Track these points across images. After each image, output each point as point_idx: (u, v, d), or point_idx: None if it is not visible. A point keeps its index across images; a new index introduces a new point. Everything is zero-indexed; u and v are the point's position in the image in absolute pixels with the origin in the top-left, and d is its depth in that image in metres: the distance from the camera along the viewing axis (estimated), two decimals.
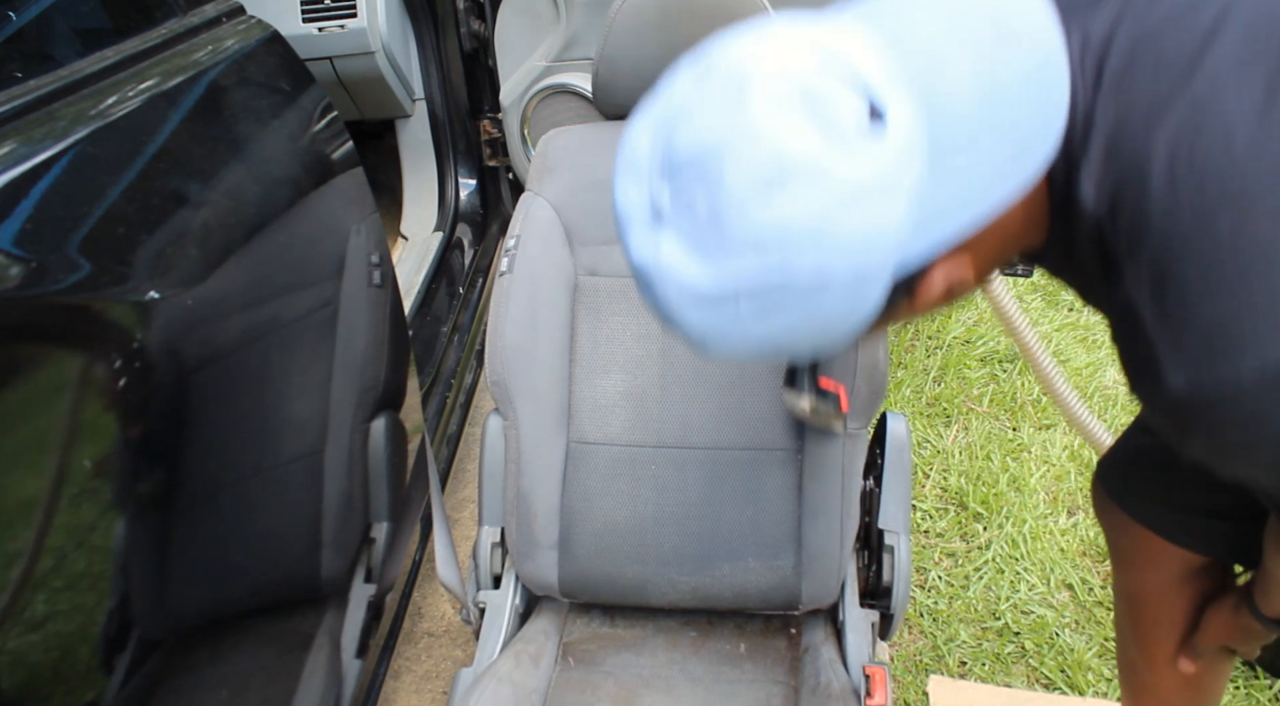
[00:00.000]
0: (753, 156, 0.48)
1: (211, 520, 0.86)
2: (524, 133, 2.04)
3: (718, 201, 0.49)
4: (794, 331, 0.53)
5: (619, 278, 1.27)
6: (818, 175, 0.48)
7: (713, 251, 0.50)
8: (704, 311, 0.52)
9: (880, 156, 0.48)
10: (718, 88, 0.50)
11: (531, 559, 1.22)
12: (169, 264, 0.82)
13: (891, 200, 0.49)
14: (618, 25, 1.21)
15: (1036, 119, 0.52)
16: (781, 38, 0.51)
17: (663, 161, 0.52)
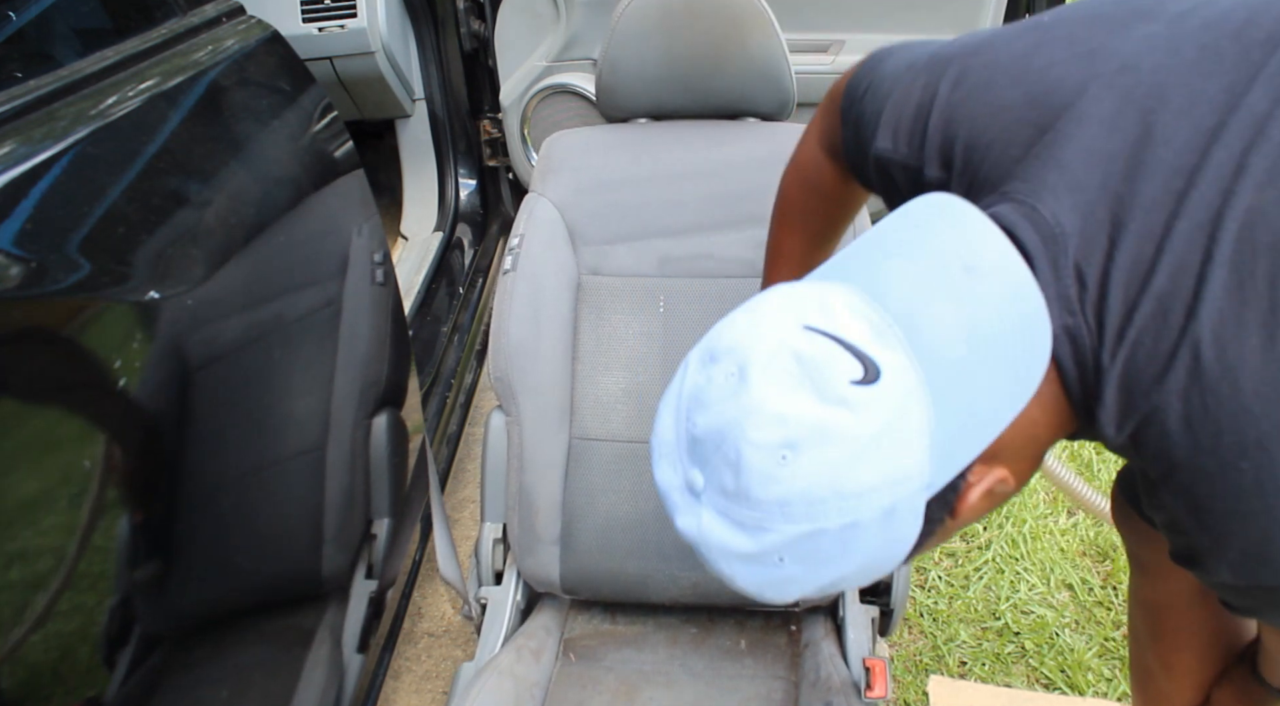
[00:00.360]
0: (761, 431, 0.51)
1: (213, 517, 0.86)
2: (524, 133, 2.04)
3: (742, 479, 0.52)
4: (841, 571, 0.55)
5: (621, 277, 1.27)
6: (824, 437, 0.50)
7: (747, 521, 0.53)
8: (751, 569, 0.55)
9: (880, 408, 0.50)
10: (721, 371, 0.54)
11: (533, 554, 1.22)
12: (169, 264, 0.82)
13: (901, 444, 0.51)
14: (621, 28, 1.22)
15: (1023, 339, 0.55)
16: (770, 314, 0.54)
17: (687, 445, 0.55)
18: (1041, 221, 0.57)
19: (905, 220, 0.58)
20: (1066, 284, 0.56)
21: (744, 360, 0.53)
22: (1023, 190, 0.59)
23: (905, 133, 0.72)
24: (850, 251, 0.59)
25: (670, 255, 1.27)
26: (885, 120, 0.74)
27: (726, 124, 1.32)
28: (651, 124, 1.34)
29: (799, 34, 1.77)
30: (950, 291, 0.54)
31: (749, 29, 1.19)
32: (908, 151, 0.73)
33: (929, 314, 0.53)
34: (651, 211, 1.28)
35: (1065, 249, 0.56)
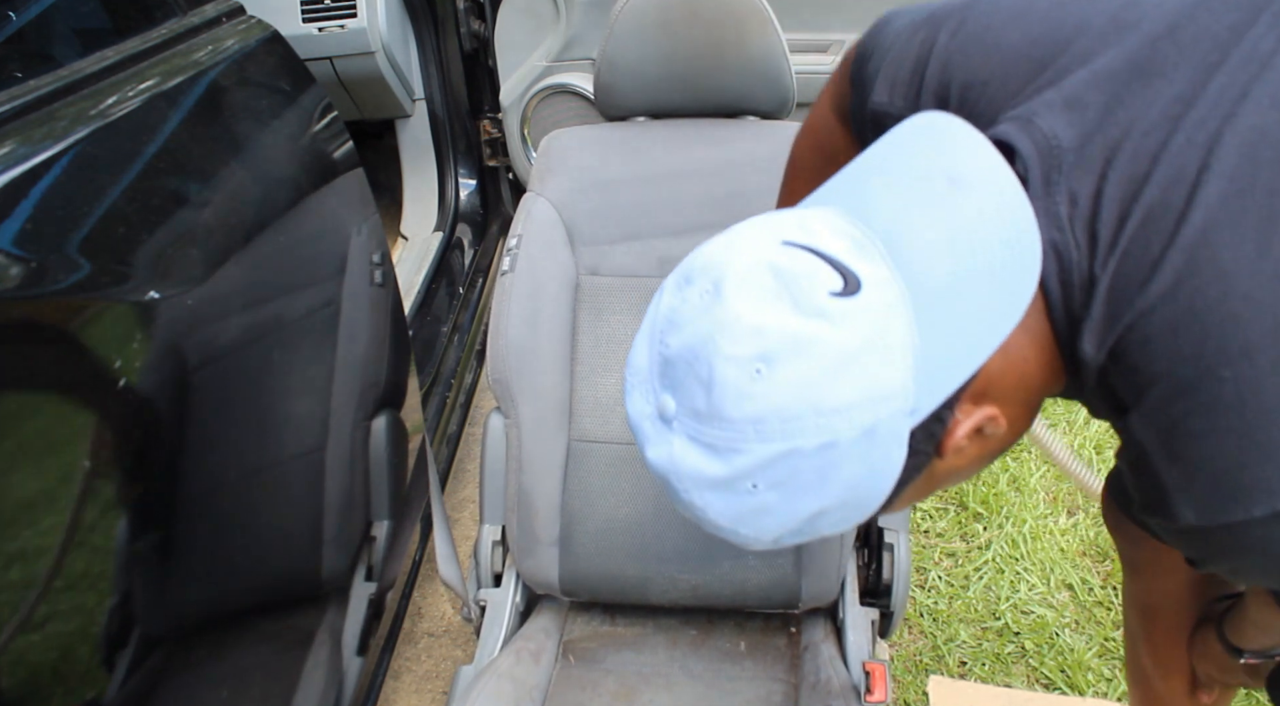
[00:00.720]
0: (736, 346, 0.49)
1: (212, 518, 0.86)
2: (524, 133, 2.04)
3: (714, 396, 0.50)
4: (820, 502, 0.53)
5: (620, 277, 1.27)
6: (801, 349, 0.48)
7: (719, 443, 0.51)
8: (723, 498, 0.53)
9: (861, 320, 0.49)
10: (696, 290, 0.52)
11: (532, 556, 1.22)
12: (169, 264, 0.82)
13: (881, 359, 0.49)
14: (619, 27, 1.21)
15: (1013, 256, 0.53)
16: (748, 233, 0.53)
17: (660, 369, 0.54)
18: (1038, 133, 0.56)
19: (891, 139, 0.57)
20: (1057, 200, 0.55)
21: (719, 276, 0.51)
22: (1021, 111, 0.58)
23: (902, 85, 0.71)
24: (835, 179, 0.58)
25: (670, 255, 1.27)
26: (883, 75, 0.74)
27: (726, 123, 1.32)
28: (650, 123, 1.34)
29: (799, 34, 1.76)
30: (934, 205, 0.52)
31: (748, 27, 1.19)
32: (903, 103, 0.72)
33: (911, 228, 0.52)
34: (650, 211, 1.27)
35: (1059, 164, 0.55)
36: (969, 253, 0.51)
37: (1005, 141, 0.57)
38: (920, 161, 0.54)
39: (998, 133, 0.58)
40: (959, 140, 0.55)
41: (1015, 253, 0.53)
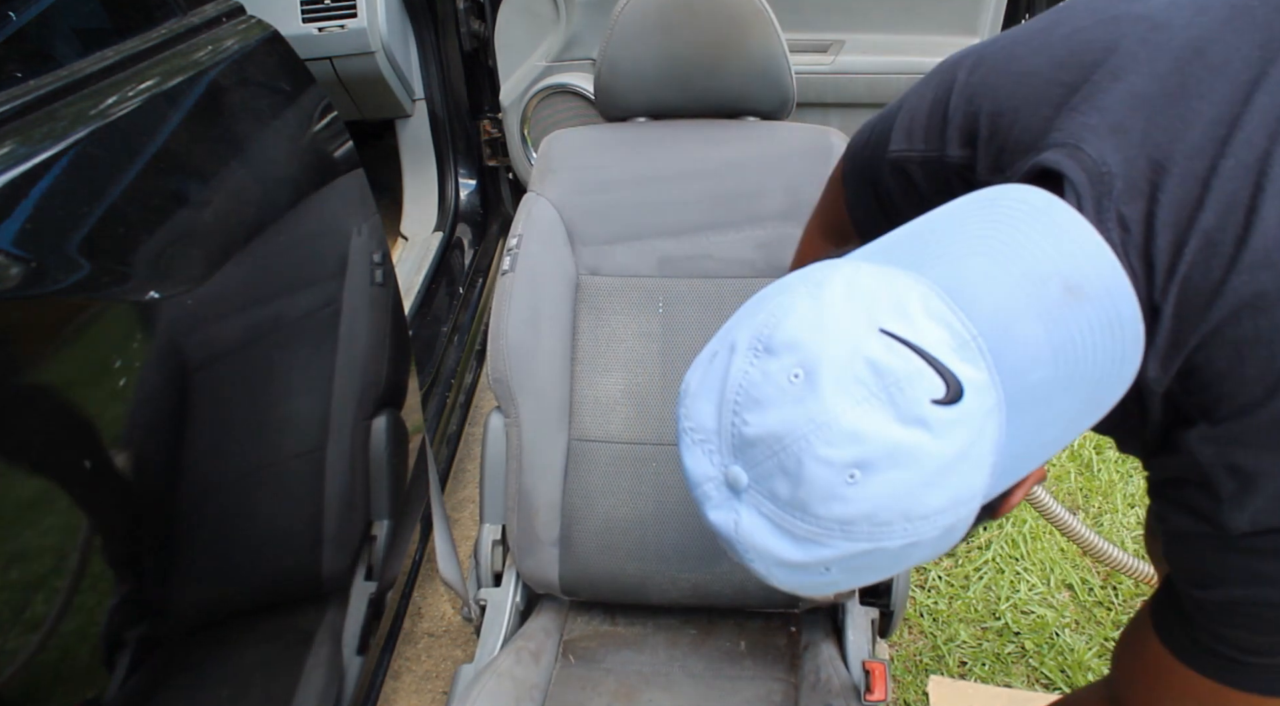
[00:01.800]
0: (831, 447, 0.47)
1: (213, 518, 0.86)
2: (524, 133, 2.04)
3: (800, 491, 0.48)
4: (882, 574, 0.53)
5: (620, 277, 1.27)
6: (899, 460, 0.47)
7: (800, 533, 0.50)
8: (792, 574, 0.52)
9: (960, 431, 0.47)
10: (781, 369, 0.49)
11: (532, 556, 1.22)
12: (169, 264, 0.82)
13: (974, 468, 0.48)
14: (620, 27, 1.21)
15: (1113, 369, 0.51)
16: (839, 309, 0.49)
17: (734, 442, 0.51)
18: (1087, 160, 0.55)
19: (992, 214, 0.53)
20: (1109, 227, 0.54)
21: (811, 362, 0.48)
22: (1064, 136, 0.56)
23: (921, 127, 0.70)
24: (920, 231, 0.55)
25: (670, 255, 1.27)
26: (898, 126, 0.72)
27: (726, 123, 1.32)
28: (650, 123, 1.34)
29: (799, 34, 1.76)
30: (1045, 310, 0.49)
31: (748, 27, 1.19)
32: (925, 145, 0.70)
33: (1018, 331, 0.49)
34: (651, 211, 1.27)
35: (1109, 190, 0.54)
36: (1071, 363, 0.50)
37: (1055, 169, 0.56)
38: (1033, 256, 0.50)
39: (1046, 160, 0.57)
40: (1079, 240, 0.51)
41: (1119, 368, 0.51)
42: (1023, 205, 0.53)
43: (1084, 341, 0.49)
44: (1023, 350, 0.49)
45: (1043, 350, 0.49)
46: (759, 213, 1.26)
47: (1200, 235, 0.52)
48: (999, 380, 0.48)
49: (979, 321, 0.48)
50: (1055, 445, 0.53)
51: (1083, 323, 0.49)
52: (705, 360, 0.55)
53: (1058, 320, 0.49)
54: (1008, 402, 0.48)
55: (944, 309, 0.49)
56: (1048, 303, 0.49)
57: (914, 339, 0.48)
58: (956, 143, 0.67)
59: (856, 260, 0.54)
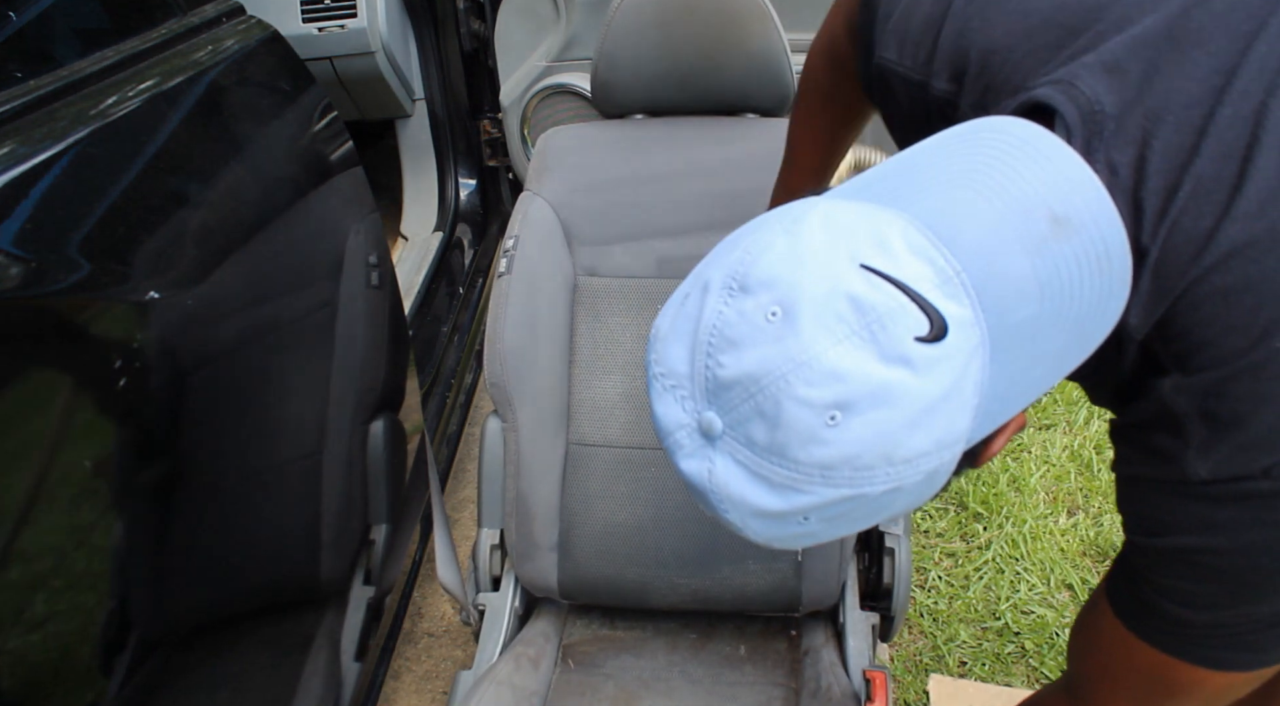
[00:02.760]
0: (811, 387, 0.45)
1: (211, 521, 0.86)
2: (524, 133, 2.04)
3: (779, 435, 0.46)
4: (862, 524, 0.52)
5: (618, 278, 1.26)
6: (882, 399, 0.45)
7: (777, 480, 0.48)
8: (769, 525, 0.51)
9: (944, 369, 0.46)
10: (757, 307, 0.47)
11: (531, 561, 1.22)
12: (169, 264, 0.81)
13: (958, 408, 0.47)
14: (616, 24, 1.21)
15: (1099, 304, 0.50)
16: (817, 244, 0.47)
17: (707, 386, 0.49)
18: (1081, 97, 0.54)
19: (975, 146, 0.51)
20: (1098, 169, 0.52)
21: (789, 299, 0.46)
22: (1058, 74, 0.55)
23: (912, 44, 0.68)
24: (899, 168, 0.53)
25: (668, 256, 1.26)
26: (893, 27, 0.70)
27: (725, 120, 1.31)
28: (648, 120, 1.33)
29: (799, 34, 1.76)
30: (1031, 243, 0.47)
31: (747, 22, 1.19)
32: (912, 64, 0.68)
33: (1003, 266, 0.47)
34: (649, 211, 1.27)
35: (1100, 131, 0.53)
36: (1058, 299, 0.48)
37: (1047, 104, 0.55)
38: (1020, 187, 0.49)
39: (1038, 95, 0.55)
40: (1065, 171, 0.50)
41: (1105, 304, 0.50)
42: (1007, 136, 0.51)
43: (1071, 276, 0.48)
44: (1008, 285, 0.47)
45: (1029, 285, 0.47)
46: (759, 212, 1.25)
47: (1194, 181, 0.51)
48: (983, 317, 0.47)
49: (962, 256, 0.47)
50: (1040, 386, 0.52)
51: (1070, 256, 0.48)
52: (677, 302, 0.52)
53: (1044, 254, 0.48)
54: (992, 341, 0.47)
55: (926, 244, 0.47)
56: (1034, 236, 0.48)
57: (896, 274, 0.46)
58: (944, 76, 0.65)
59: (834, 197, 0.52)
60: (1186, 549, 0.57)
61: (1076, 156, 0.50)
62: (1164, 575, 0.60)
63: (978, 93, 0.62)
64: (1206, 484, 0.53)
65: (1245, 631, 0.59)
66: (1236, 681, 0.62)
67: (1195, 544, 0.56)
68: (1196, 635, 0.60)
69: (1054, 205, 0.48)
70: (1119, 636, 0.66)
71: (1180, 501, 0.56)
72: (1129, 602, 0.65)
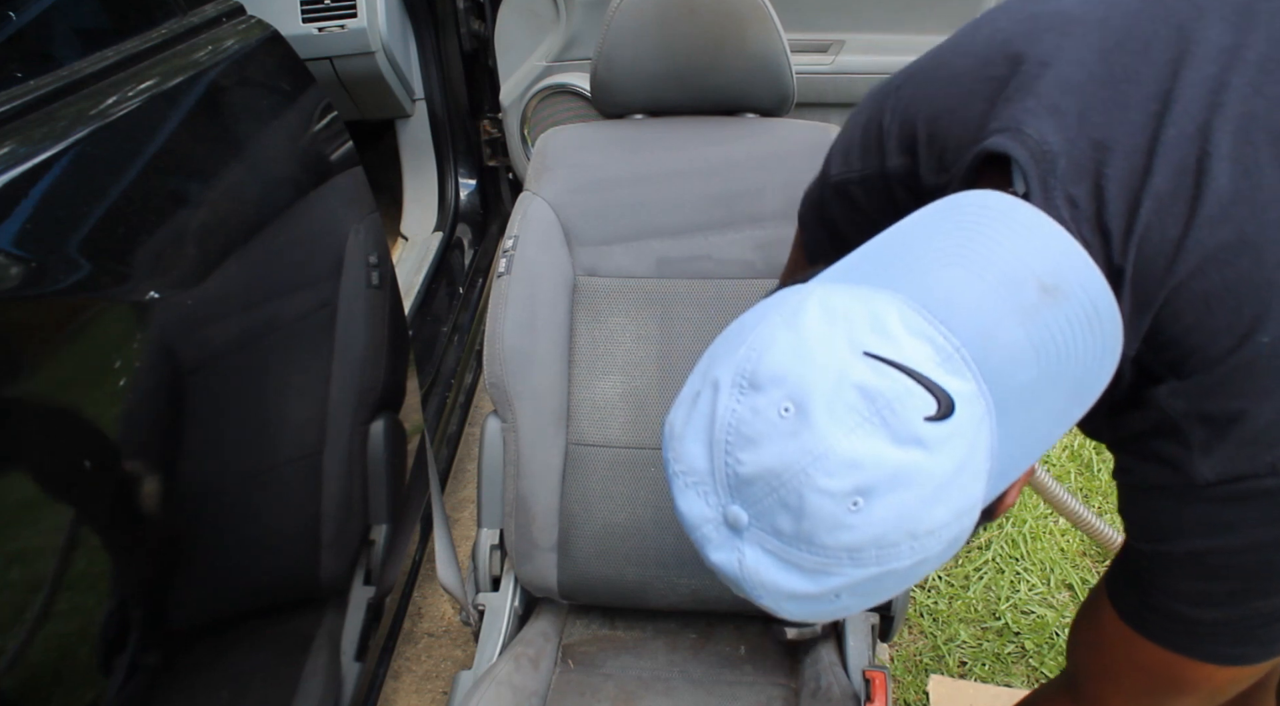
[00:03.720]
0: (830, 478, 0.47)
1: (210, 521, 0.86)
2: (524, 133, 2.04)
3: (805, 524, 0.48)
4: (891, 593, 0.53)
5: (618, 278, 1.26)
6: (900, 481, 0.47)
7: (807, 566, 0.50)
8: (803, 605, 0.52)
9: (955, 444, 0.47)
10: (769, 404, 0.49)
11: (530, 561, 1.22)
12: (169, 264, 0.81)
13: (972, 477, 0.49)
14: (616, 24, 1.21)
15: (1095, 362, 0.52)
16: (819, 336, 0.49)
17: (729, 483, 0.51)
18: (1029, 140, 0.56)
19: (957, 221, 0.53)
20: (1057, 204, 0.55)
21: (800, 394, 0.48)
22: (1004, 122, 0.58)
23: (858, 147, 0.72)
24: (884, 246, 0.55)
25: (668, 256, 1.26)
26: (835, 152, 0.75)
27: (725, 120, 1.31)
28: (648, 120, 1.33)
29: (799, 34, 1.76)
30: (1023, 312, 0.49)
31: (747, 22, 1.18)
32: (862, 163, 0.72)
33: (999, 336, 0.49)
34: (649, 211, 1.26)
35: (1053, 168, 0.55)
36: (1054, 361, 0.50)
37: (1000, 152, 0.57)
38: (1005, 260, 0.50)
39: (990, 145, 0.58)
40: (1048, 240, 0.51)
41: (1100, 360, 0.52)
42: (985, 210, 0.53)
43: (1065, 338, 0.50)
44: (1006, 354, 0.49)
45: (1025, 352, 0.49)
46: (758, 212, 1.25)
47: (1153, 197, 0.53)
48: (986, 388, 0.48)
49: (959, 331, 0.48)
50: (1046, 442, 0.53)
51: (1062, 320, 0.50)
52: (688, 400, 0.54)
53: (1037, 321, 0.49)
54: (997, 407, 0.49)
55: (923, 323, 0.49)
56: (1025, 304, 0.49)
57: (898, 358, 0.47)
58: (895, 153, 0.68)
59: (825, 282, 0.54)
60: (1197, 552, 0.57)
61: (1055, 224, 0.52)
62: (1174, 579, 0.60)
63: (935, 157, 0.65)
64: (1213, 485, 0.54)
65: (1254, 626, 0.60)
66: (1242, 675, 0.63)
67: (1206, 546, 0.57)
68: (1204, 632, 0.61)
69: (1041, 274, 0.50)
70: (1122, 635, 0.66)
71: (1188, 506, 0.57)
72: (1134, 604, 0.65)
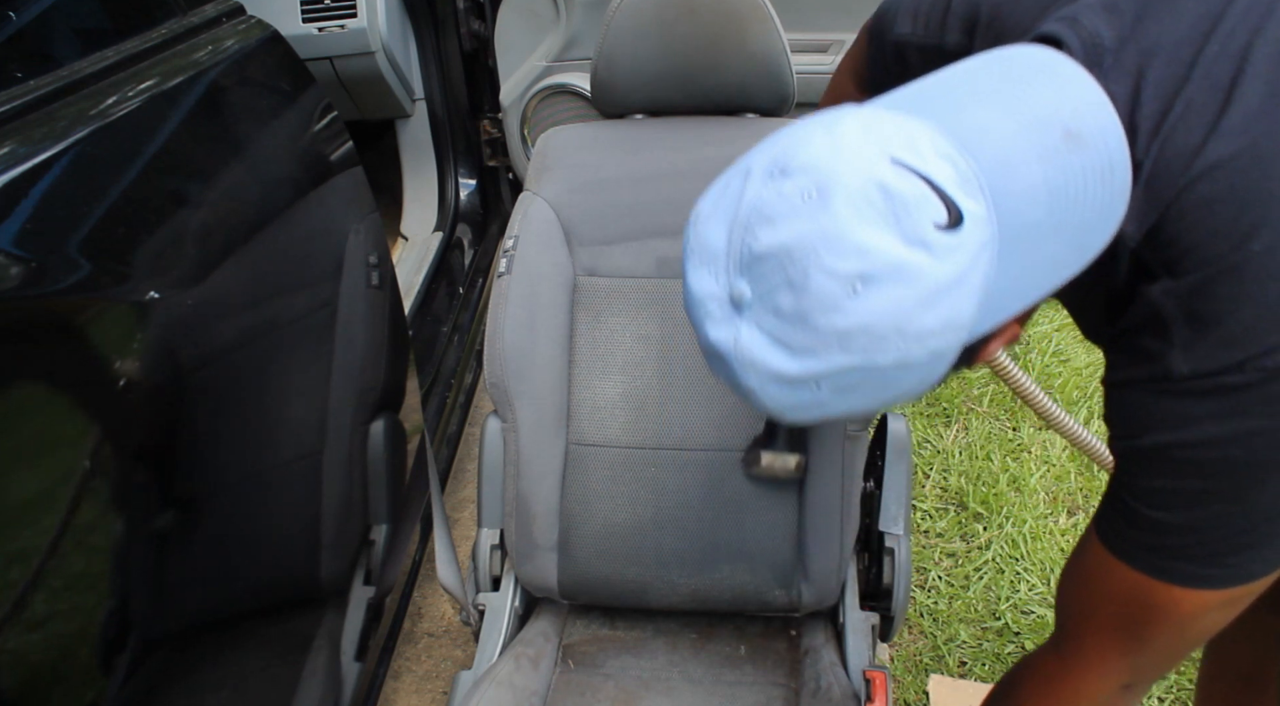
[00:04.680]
0: (838, 259, 0.50)
1: (211, 521, 0.86)
2: (524, 133, 2.04)
3: (804, 302, 0.51)
4: (867, 402, 0.56)
5: (618, 278, 1.26)
6: (903, 277, 0.50)
7: (798, 345, 0.53)
8: (785, 391, 0.55)
9: (959, 256, 0.51)
10: (795, 188, 0.52)
11: (531, 561, 1.22)
12: (168, 264, 0.82)
13: (966, 295, 0.52)
14: (616, 24, 1.21)
15: (1100, 215, 0.55)
16: (854, 139, 0.53)
17: (741, 258, 0.54)
18: (1084, 31, 0.59)
19: (1001, 68, 0.57)
20: None
21: (825, 182, 0.51)
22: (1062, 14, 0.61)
23: (924, 15, 0.76)
24: (931, 85, 0.58)
25: (668, 256, 1.26)
26: (904, 9, 0.78)
27: (725, 120, 1.31)
28: (648, 120, 1.33)
29: (799, 34, 1.76)
30: (1045, 153, 0.53)
31: (747, 22, 1.18)
32: (925, 32, 0.76)
33: (1018, 172, 0.53)
34: (649, 211, 1.27)
35: (1099, 62, 0.58)
36: (1065, 207, 0.53)
37: (1054, 36, 0.60)
38: (1037, 104, 0.54)
39: (1046, 29, 0.61)
40: (1080, 90, 0.55)
41: (1106, 215, 0.55)
42: (1029, 59, 0.57)
43: (1078, 185, 0.54)
44: (1021, 189, 0.53)
45: (1039, 191, 0.53)
46: None
47: (1184, 104, 0.57)
48: (996, 217, 0.52)
49: (982, 161, 0.52)
50: (1039, 289, 0.57)
51: (1078, 167, 0.53)
52: (719, 188, 0.57)
53: (1056, 163, 0.53)
54: (1001, 239, 0.52)
55: (951, 149, 0.52)
56: (1048, 146, 0.53)
57: (922, 169, 0.51)
58: (956, 30, 0.73)
59: (870, 107, 0.57)
60: (1162, 445, 0.61)
61: (1090, 78, 0.56)
62: (1143, 476, 0.64)
63: (989, 41, 0.69)
64: (1186, 379, 0.58)
65: (1218, 547, 0.62)
66: (1209, 603, 0.65)
67: (1169, 439, 0.60)
68: (1172, 549, 0.64)
69: (1068, 120, 0.54)
70: (1100, 564, 0.70)
71: (1162, 400, 0.60)
72: (1110, 522, 0.68)
